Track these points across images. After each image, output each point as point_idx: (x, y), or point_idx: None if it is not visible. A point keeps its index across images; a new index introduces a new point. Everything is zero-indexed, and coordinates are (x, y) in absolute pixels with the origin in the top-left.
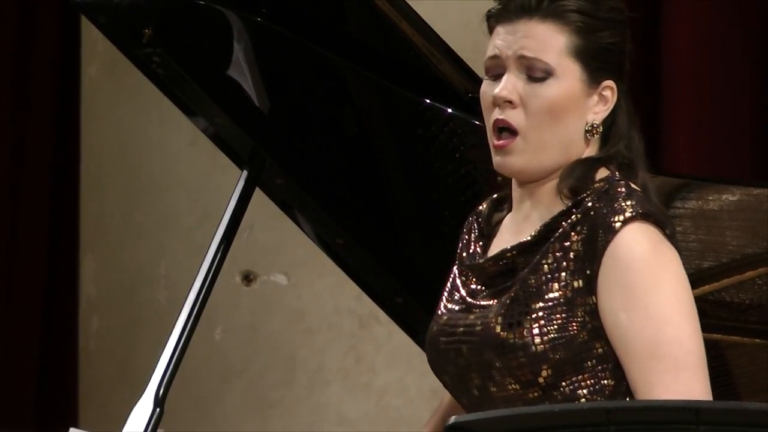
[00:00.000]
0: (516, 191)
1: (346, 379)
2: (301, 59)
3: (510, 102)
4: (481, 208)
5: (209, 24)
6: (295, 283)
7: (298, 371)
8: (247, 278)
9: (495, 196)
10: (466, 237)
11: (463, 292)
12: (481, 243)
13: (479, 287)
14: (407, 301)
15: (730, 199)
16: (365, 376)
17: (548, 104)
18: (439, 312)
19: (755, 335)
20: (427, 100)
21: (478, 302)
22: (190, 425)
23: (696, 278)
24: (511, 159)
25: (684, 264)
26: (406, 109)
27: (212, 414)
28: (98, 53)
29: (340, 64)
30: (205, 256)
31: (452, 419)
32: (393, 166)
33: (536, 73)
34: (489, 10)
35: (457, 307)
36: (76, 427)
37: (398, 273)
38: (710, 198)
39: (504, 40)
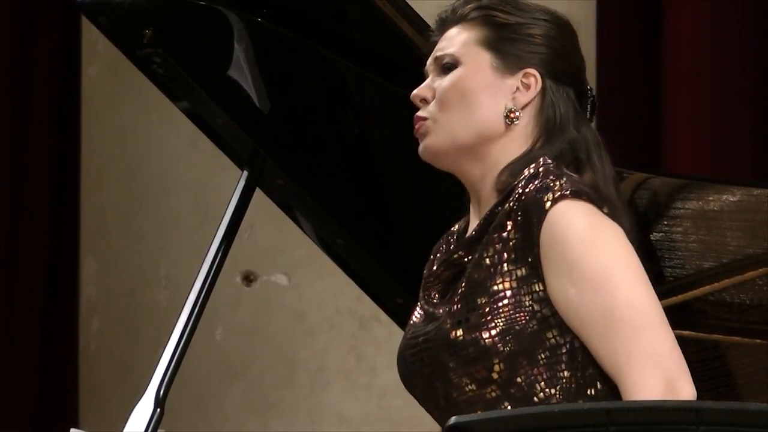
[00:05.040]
0: (470, 204)
1: (346, 380)
2: (302, 60)
3: (425, 100)
4: (454, 228)
5: (210, 24)
6: (296, 284)
7: (298, 372)
8: (248, 279)
9: (467, 217)
10: (432, 257)
11: (424, 304)
12: (444, 257)
13: (438, 297)
14: (408, 302)
15: (731, 199)
16: (366, 377)
17: (454, 87)
18: (407, 329)
19: (756, 335)
20: None
21: (436, 311)
22: (191, 426)
23: (696, 278)
24: (426, 141)
25: (684, 264)
26: (407, 109)
27: (213, 414)
28: (98, 53)
29: (341, 65)
30: (205, 257)
31: (452, 419)
32: (393, 166)
33: (446, 65)
34: (431, 38)
35: (419, 321)
36: (77, 427)
37: (399, 273)
38: (711, 198)
39: (431, 54)
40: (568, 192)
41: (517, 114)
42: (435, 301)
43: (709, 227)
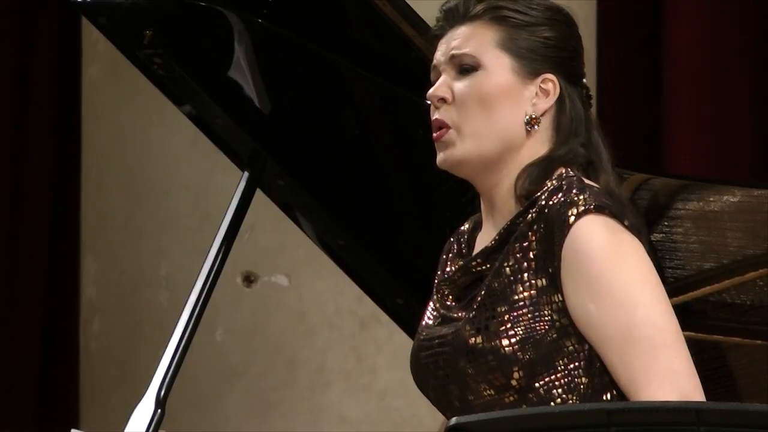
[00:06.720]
0: (482, 206)
1: (347, 380)
2: (302, 60)
3: (444, 100)
4: (462, 228)
5: (210, 25)
6: (296, 284)
7: (299, 372)
8: (248, 279)
9: (476, 215)
10: (444, 257)
11: (439, 307)
12: (460, 262)
13: (453, 301)
14: (408, 302)
15: (731, 200)
16: (366, 377)
17: (477, 94)
18: (420, 329)
19: (756, 336)
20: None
21: (452, 314)
22: (191, 426)
23: (697, 279)
24: (448, 151)
25: (685, 265)
26: (407, 109)
27: (213, 415)
28: (99, 54)
29: (341, 65)
30: (206, 258)
31: (453, 420)
32: (394, 167)
33: (465, 66)
34: (433, 30)
35: (434, 322)
36: (77, 428)
37: (399, 274)
38: (711, 199)
39: (440, 50)
40: (591, 206)
41: (539, 120)
42: (450, 304)
43: (709, 228)
